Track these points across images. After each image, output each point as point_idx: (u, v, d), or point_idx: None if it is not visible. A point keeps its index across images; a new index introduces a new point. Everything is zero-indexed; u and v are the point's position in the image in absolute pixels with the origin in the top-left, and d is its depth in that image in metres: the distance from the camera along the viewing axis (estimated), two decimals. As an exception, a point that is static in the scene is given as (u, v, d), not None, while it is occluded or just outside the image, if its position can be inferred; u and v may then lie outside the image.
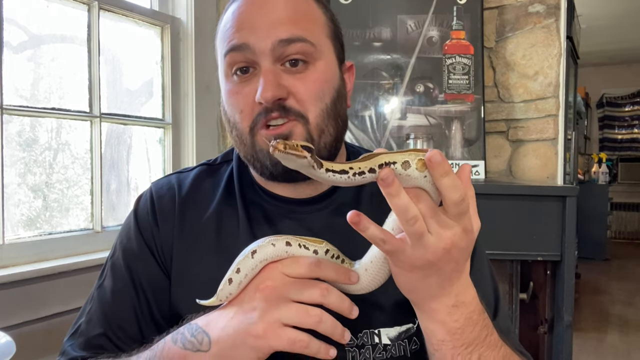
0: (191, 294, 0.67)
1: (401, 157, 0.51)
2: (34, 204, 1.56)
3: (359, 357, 0.70)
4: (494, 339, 0.62)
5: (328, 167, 0.52)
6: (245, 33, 0.69)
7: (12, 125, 1.49)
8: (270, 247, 0.59)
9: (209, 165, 0.84)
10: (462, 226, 0.52)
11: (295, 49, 0.69)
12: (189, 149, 2.00)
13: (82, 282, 1.47)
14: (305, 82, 0.69)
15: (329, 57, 0.73)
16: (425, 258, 0.53)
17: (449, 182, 0.49)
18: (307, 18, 0.71)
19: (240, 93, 0.71)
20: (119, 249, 0.78)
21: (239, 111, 0.71)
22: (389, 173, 0.49)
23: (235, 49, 0.70)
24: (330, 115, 0.71)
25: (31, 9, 1.56)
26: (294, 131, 0.69)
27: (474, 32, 2.17)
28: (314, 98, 0.70)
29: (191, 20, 1.98)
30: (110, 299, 0.75)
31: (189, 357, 0.60)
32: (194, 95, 1.99)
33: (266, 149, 0.70)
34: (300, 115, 0.69)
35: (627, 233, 7.96)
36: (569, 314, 1.64)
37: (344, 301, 0.59)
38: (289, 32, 0.68)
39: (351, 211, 0.51)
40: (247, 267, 0.59)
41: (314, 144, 0.70)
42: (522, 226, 1.66)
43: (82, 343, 0.74)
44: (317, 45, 0.70)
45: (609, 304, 4.70)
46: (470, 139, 2.15)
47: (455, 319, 0.58)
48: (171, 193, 0.79)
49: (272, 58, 0.69)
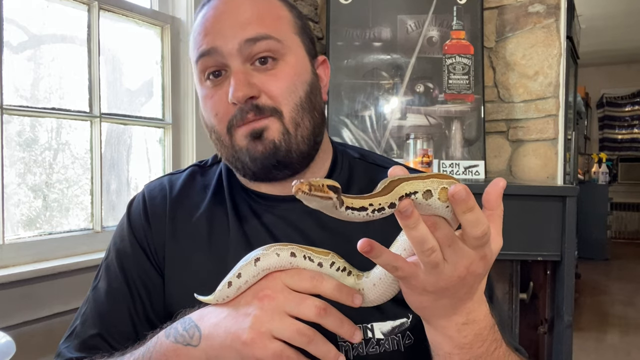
0: (184, 292, 0.68)
1: (423, 186, 0.48)
2: (34, 204, 1.56)
3: (352, 352, 0.70)
4: (502, 351, 0.61)
5: (348, 204, 0.48)
6: (212, 37, 0.71)
7: (12, 125, 1.49)
8: (274, 256, 0.58)
9: (200, 166, 0.85)
10: (481, 255, 0.50)
11: (262, 47, 0.71)
12: (189, 149, 1.99)
13: (82, 282, 1.47)
14: (276, 78, 0.71)
15: (298, 52, 0.74)
16: (439, 285, 0.51)
17: (472, 218, 0.47)
18: (272, 16, 0.73)
19: (213, 97, 0.73)
20: (112, 250, 0.79)
21: (214, 114, 0.73)
22: (408, 205, 0.46)
23: (205, 54, 0.72)
24: (305, 108, 0.73)
25: (31, 9, 1.56)
26: (269, 126, 0.71)
27: (474, 32, 2.17)
28: (286, 92, 0.71)
29: (191, 20, 1.98)
30: (105, 300, 0.76)
31: (179, 350, 0.61)
32: (194, 95, 1.98)
33: (244, 146, 0.72)
34: (275, 110, 0.71)
35: (627, 233, 7.95)
36: (569, 314, 1.64)
37: (343, 325, 0.57)
38: (255, 31, 0.70)
39: (362, 240, 0.48)
40: (248, 273, 0.59)
41: (290, 138, 0.71)
42: (522, 226, 1.66)
43: (77, 344, 0.74)
44: (283, 41, 0.72)
45: (609, 304, 4.70)
46: (470, 139, 2.15)
47: (464, 335, 0.57)
48: (163, 194, 0.80)
49: (240, 58, 0.70)
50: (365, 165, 0.83)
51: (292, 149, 0.72)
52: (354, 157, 0.84)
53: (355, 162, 0.83)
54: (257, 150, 0.71)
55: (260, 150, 0.71)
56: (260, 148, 0.71)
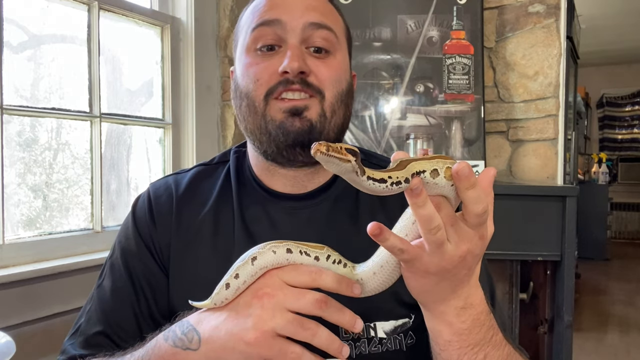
0: (188, 292, 0.68)
1: (430, 165, 0.50)
2: (34, 204, 1.56)
3: (354, 351, 0.71)
4: (499, 338, 0.62)
5: (370, 174, 0.50)
6: (279, 11, 0.74)
7: (12, 125, 1.49)
8: (271, 254, 0.58)
9: (205, 165, 0.85)
10: (480, 234, 0.53)
11: (322, 35, 0.74)
12: (189, 149, 2.00)
13: (82, 282, 1.47)
14: (327, 66, 0.74)
15: (345, 54, 0.79)
16: (441, 265, 0.53)
17: (474, 195, 0.49)
18: (333, 15, 0.78)
19: (260, 64, 0.74)
20: (117, 248, 0.79)
21: (255, 80, 0.74)
22: (418, 183, 0.48)
23: (266, 23, 0.74)
24: (343, 101, 0.76)
25: (31, 9, 1.56)
26: (310, 105, 0.73)
27: (474, 32, 2.17)
28: (332, 80, 0.74)
29: (191, 20, 1.98)
30: (110, 298, 0.76)
31: (178, 354, 0.60)
32: (194, 95, 1.99)
33: (278, 120, 0.72)
34: (319, 91, 0.73)
35: (627, 233, 7.95)
36: (569, 314, 1.64)
37: (345, 314, 0.58)
38: (320, 18, 0.74)
39: (372, 223, 0.50)
40: (246, 273, 0.58)
41: (325, 122, 0.73)
42: (522, 226, 1.66)
43: (81, 342, 0.74)
44: (339, 37, 0.76)
45: (609, 304, 4.70)
46: (470, 139, 2.15)
47: (462, 320, 0.58)
48: (168, 192, 0.80)
49: (300, 37, 0.73)
50: (368, 166, 0.83)
51: (325, 132, 0.74)
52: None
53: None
54: (293, 126, 0.72)
55: (298, 126, 0.72)
56: (297, 124, 0.72)
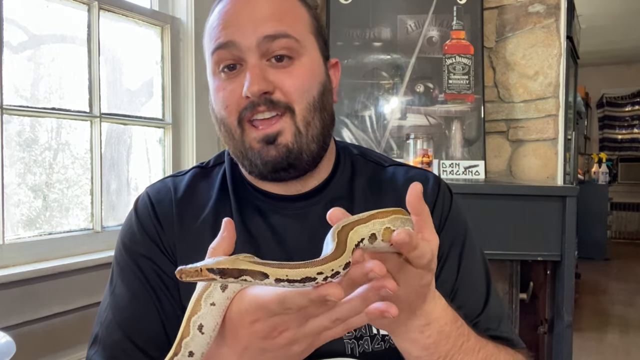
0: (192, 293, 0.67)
1: (367, 230, 0.48)
2: (34, 204, 1.56)
3: (357, 349, 0.71)
4: (471, 344, 0.62)
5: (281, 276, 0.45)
6: (231, 31, 0.71)
7: (12, 125, 1.49)
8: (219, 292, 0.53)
9: (202, 167, 0.84)
10: (427, 269, 0.52)
11: (280, 45, 0.71)
12: (189, 149, 1.99)
13: (82, 282, 1.47)
14: (291, 76, 0.71)
15: (313, 53, 0.75)
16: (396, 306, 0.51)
17: (417, 254, 0.49)
18: (291, 15, 0.74)
19: (226, 89, 0.73)
20: (124, 254, 0.77)
21: (225, 107, 0.73)
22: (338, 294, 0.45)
23: (222, 46, 0.72)
24: (317, 108, 0.73)
25: (31, 9, 1.56)
26: (282, 129, 0.71)
27: (474, 32, 2.17)
28: (300, 91, 0.72)
29: (191, 20, 1.98)
30: (129, 304, 0.74)
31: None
32: (194, 95, 1.98)
33: (256, 149, 0.72)
34: (287, 107, 0.71)
35: (627, 233, 7.95)
36: (569, 314, 1.64)
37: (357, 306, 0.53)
38: (274, 29, 0.71)
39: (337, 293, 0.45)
40: (210, 322, 0.53)
41: (301, 139, 0.72)
42: (522, 226, 1.66)
43: (104, 353, 0.72)
44: (301, 41, 0.72)
45: (609, 304, 4.70)
46: (470, 139, 2.15)
47: (427, 335, 0.58)
48: (169, 196, 0.80)
49: (258, 54, 0.71)
50: (364, 162, 0.84)
51: (303, 149, 0.72)
52: (354, 154, 0.85)
53: (356, 158, 0.84)
54: (269, 155, 0.71)
55: (274, 154, 0.71)
56: (273, 152, 0.71)
